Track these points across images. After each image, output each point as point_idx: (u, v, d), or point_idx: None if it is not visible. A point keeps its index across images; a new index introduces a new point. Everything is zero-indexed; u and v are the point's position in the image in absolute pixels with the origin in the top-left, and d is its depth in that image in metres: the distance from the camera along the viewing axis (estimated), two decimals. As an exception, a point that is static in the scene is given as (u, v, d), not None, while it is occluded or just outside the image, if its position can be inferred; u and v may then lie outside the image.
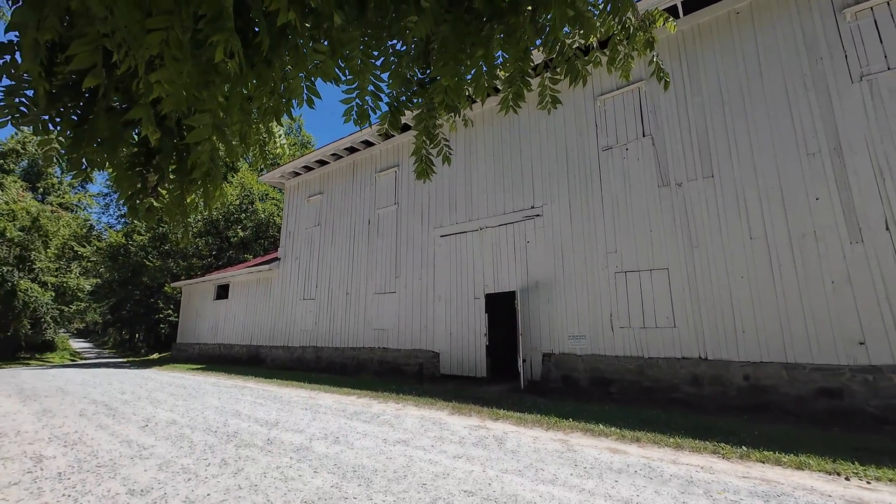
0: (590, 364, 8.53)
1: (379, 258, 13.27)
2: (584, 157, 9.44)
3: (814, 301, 6.50)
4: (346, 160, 15.21)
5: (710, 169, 7.79)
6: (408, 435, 5.68)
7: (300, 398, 8.69)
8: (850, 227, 6.39)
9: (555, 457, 4.72)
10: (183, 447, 5.19)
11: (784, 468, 4.44)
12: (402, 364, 11.85)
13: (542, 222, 9.79)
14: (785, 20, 7.43)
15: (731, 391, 6.95)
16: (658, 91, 8.59)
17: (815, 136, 6.89)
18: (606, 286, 8.59)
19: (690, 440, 5.28)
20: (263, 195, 29.60)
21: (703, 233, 7.68)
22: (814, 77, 7.03)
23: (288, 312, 15.95)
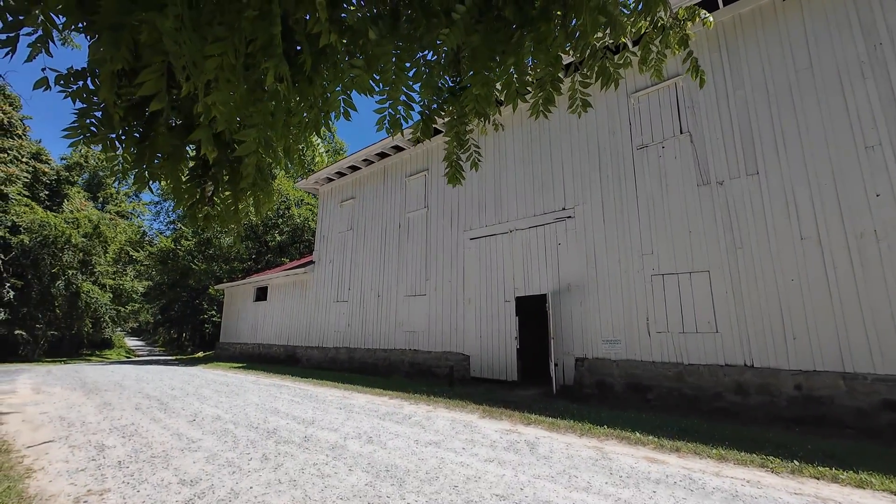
0: (625, 370, 8.27)
1: (409, 261, 13.46)
2: (617, 156, 9.19)
3: (875, 305, 6.02)
4: (377, 165, 15.55)
5: (755, 166, 7.39)
6: (439, 437, 5.72)
7: (334, 398, 8.94)
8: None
9: (589, 464, 4.62)
10: (227, 441, 5.48)
11: (842, 486, 4.14)
12: (432, 366, 11.94)
13: (574, 224, 9.61)
14: (838, 4, 6.95)
15: (781, 401, 6.54)
16: (696, 86, 8.23)
17: (874, 127, 6.39)
18: (642, 289, 8.31)
19: (735, 452, 5.02)
20: (299, 201, 30.72)
21: (747, 233, 7.28)
22: (872, 64, 6.53)
23: (322, 314, 16.45)
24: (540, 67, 1.95)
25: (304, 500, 3.66)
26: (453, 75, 2.21)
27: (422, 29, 1.95)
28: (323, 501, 3.64)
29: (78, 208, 28.85)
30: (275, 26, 1.34)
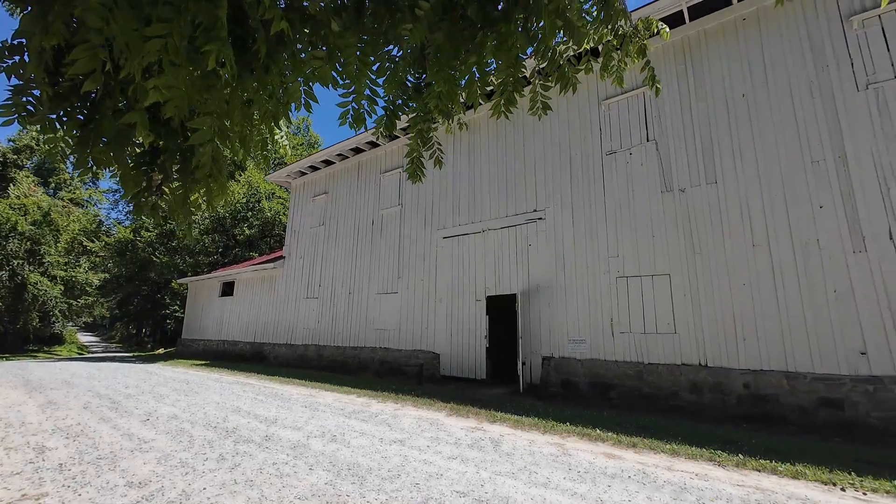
0: (589, 369, 8.51)
1: (382, 258, 13.34)
2: (587, 161, 9.44)
3: (816, 310, 6.46)
4: (351, 160, 15.32)
5: (714, 175, 7.76)
6: (404, 435, 5.71)
7: (300, 396, 8.75)
8: (854, 236, 6.34)
9: (549, 460, 4.73)
10: (182, 441, 5.26)
11: (780, 477, 4.42)
12: (402, 364, 11.89)
13: (545, 225, 9.80)
14: (791, 27, 7.40)
15: (731, 399, 6.91)
16: (662, 96, 8.58)
17: (819, 144, 6.85)
18: (607, 291, 8.57)
19: (687, 447, 5.26)
20: (270, 194, 29.86)
21: (705, 239, 7.65)
22: (820, 85, 6.99)
23: (291, 310, 16.07)
24: (502, 68, 1.98)
25: (260, 501, 3.56)
26: (418, 72, 2.21)
27: (386, 23, 1.93)
28: (280, 501, 3.56)
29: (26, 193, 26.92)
30: (220, 8, 1.29)
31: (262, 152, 2.17)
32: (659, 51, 8.75)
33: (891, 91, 6.41)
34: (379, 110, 2.17)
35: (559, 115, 10.05)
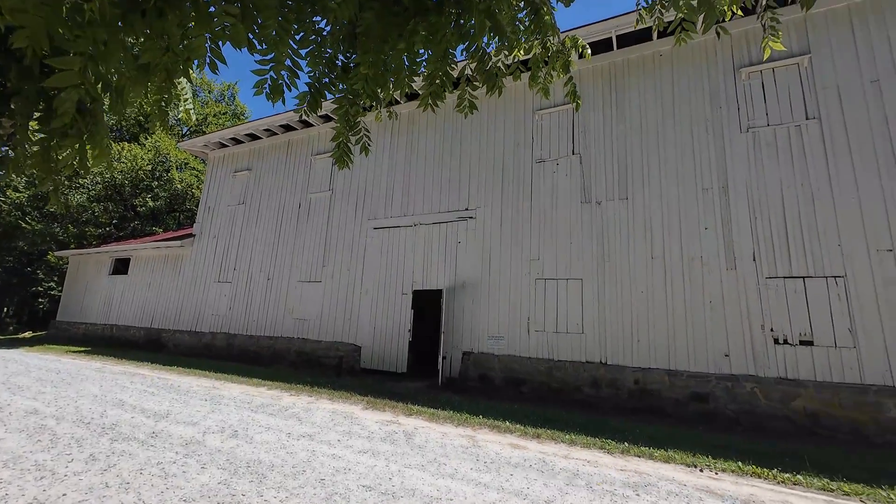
0: (505, 364, 8.93)
1: (307, 245, 12.67)
2: (518, 167, 9.86)
3: (695, 317, 7.46)
4: (280, 138, 14.30)
5: (626, 192, 8.57)
6: (315, 429, 5.49)
7: (201, 388, 7.99)
8: (728, 255, 7.43)
9: (459, 452, 4.87)
10: (41, 441, 4.50)
11: (655, 462, 5.03)
12: (321, 356, 11.44)
13: (475, 225, 10.05)
14: (697, 69, 8.41)
15: (624, 393, 7.72)
16: (588, 114, 9.25)
17: (710, 174, 7.90)
18: (527, 291, 9.06)
19: (583, 437, 5.77)
20: (182, 164, 26.76)
21: (614, 249, 8.42)
22: (714, 123, 8.05)
23: (199, 294, 14.59)
24: (432, 60, 1.95)
25: (135, 506, 3.17)
26: (348, 52, 2.09)
27: (313, -9, 1.79)
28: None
29: None
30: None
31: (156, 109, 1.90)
32: (588, 71, 9.41)
33: (763, 136, 7.60)
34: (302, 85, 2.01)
35: (496, 121, 10.36)
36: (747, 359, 6.97)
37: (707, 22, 1.86)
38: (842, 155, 7.00)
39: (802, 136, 7.33)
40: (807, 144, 7.27)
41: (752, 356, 6.96)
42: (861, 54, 7.17)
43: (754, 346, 6.98)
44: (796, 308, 6.82)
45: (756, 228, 7.34)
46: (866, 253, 6.56)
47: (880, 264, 6.45)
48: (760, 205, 7.39)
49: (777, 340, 6.86)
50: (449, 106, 10.93)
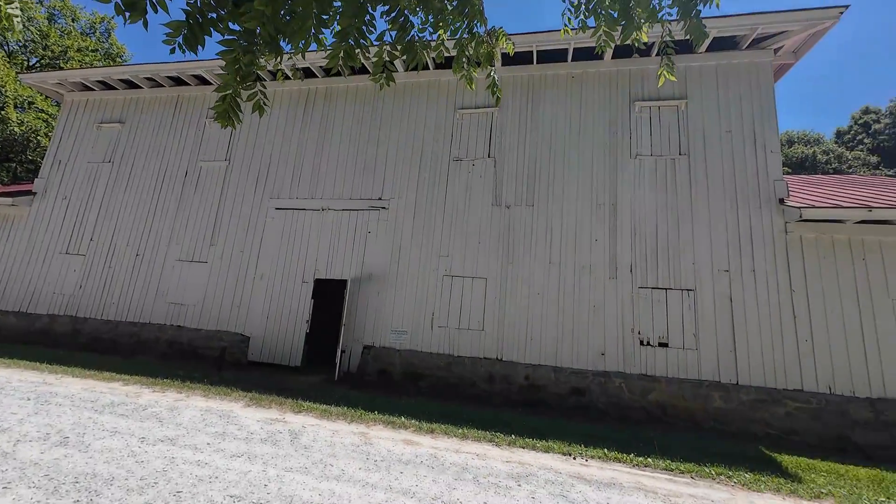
0: (406, 359, 8.86)
1: (192, 219, 11.05)
2: (436, 162, 9.84)
3: (580, 319, 8.25)
4: (167, 91, 12.22)
5: (533, 199, 9.11)
6: (180, 432, 4.74)
7: (25, 384, 6.40)
8: (611, 265, 8.36)
9: (349, 450, 4.63)
10: None
11: (537, 452, 5.40)
12: (200, 347, 10.08)
13: (387, 216, 9.78)
14: (602, 95, 9.29)
15: (514, 388, 8.21)
16: (506, 119, 9.63)
17: (604, 191, 8.79)
18: (434, 287, 9.10)
19: (475, 431, 5.95)
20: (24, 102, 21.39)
21: (518, 252, 8.89)
22: (611, 146, 8.98)
23: (35, 268, 11.78)
24: (346, 14, 1.71)
25: None
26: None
27: None
28: (-70, 544, 2.39)
29: None
30: None
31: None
32: (509, 79, 9.78)
33: (647, 164, 8.71)
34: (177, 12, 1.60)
35: (418, 112, 10.20)
36: (618, 358, 7.93)
37: (625, 33, 1.96)
38: (700, 189, 8.35)
39: (675, 169, 8.56)
40: (678, 176, 8.52)
41: (623, 355, 7.94)
42: (721, 107, 8.62)
43: (625, 347, 7.97)
44: (658, 315, 7.96)
45: (635, 243, 8.38)
46: (710, 271, 7.93)
47: (719, 282, 7.85)
48: (640, 223, 8.45)
49: (642, 342, 7.93)
50: (370, 90, 10.44)
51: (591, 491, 4.18)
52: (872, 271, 7.32)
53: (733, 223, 8.05)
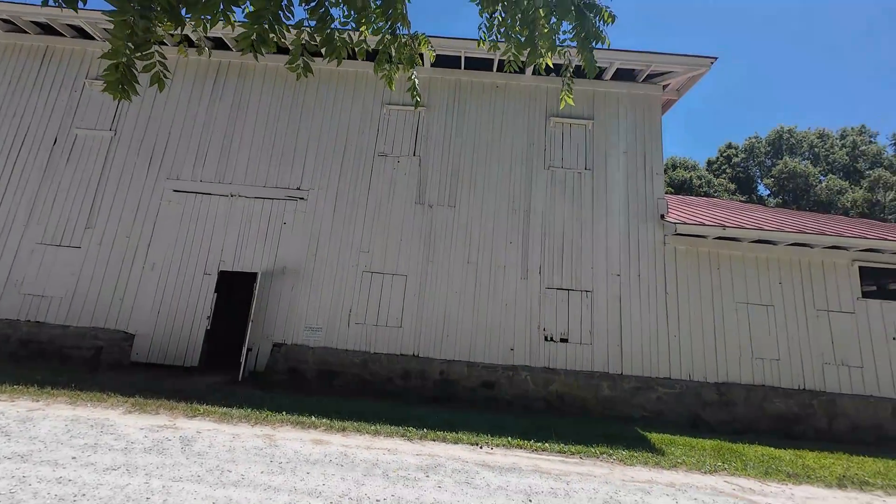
0: (320, 357, 8.55)
1: (62, 196, 9.35)
2: (360, 155, 9.63)
3: (493, 316, 8.74)
4: (32, 39, 10.15)
5: (455, 200, 9.39)
6: (35, 446, 4.03)
7: None
8: (523, 267, 9.00)
9: (251, 455, 4.36)
10: None
11: (447, 444, 5.62)
12: (67, 346, 8.60)
13: (305, 207, 9.31)
14: (522, 107, 9.91)
15: (429, 383, 8.41)
16: (433, 119, 9.78)
17: (520, 197, 9.41)
18: (353, 283, 8.91)
19: (388, 427, 5.98)
20: None
21: (438, 251, 9.10)
22: (527, 155, 9.64)
23: None
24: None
25: None
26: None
27: None
28: None
29: None
30: None
31: None
32: (438, 80, 9.95)
33: (557, 175, 9.52)
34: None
35: (343, 102, 9.87)
36: (525, 352, 8.57)
37: (530, 58, 2.17)
38: (601, 201, 9.38)
39: (581, 181, 9.49)
40: (583, 188, 9.45)
41: (529, 350, 8.59)
42: (620, 130, 9.77)
43: (531, 342, 8.63)
44: (561, 313, 8.77)
45: (544, 247, 9.11)
46: (605, 275, 8.96)
47: (612, 285, 8.91)
48: (549, 228, 9.22)
49: (546, 338, 8.67)
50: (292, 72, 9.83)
51: (493, 476, 4.49)
52: (723, 279, 8.91)
53: (625, 233, 9.18)
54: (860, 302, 8.78)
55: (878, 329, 8.64)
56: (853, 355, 8.50)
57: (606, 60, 9.31)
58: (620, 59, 9.26)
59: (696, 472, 5.39)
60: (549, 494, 4.15)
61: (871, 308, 8.74)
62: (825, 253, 8.95)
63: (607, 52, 9.13)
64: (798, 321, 8.68)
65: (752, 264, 9.00)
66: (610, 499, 4.17)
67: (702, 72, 9.38)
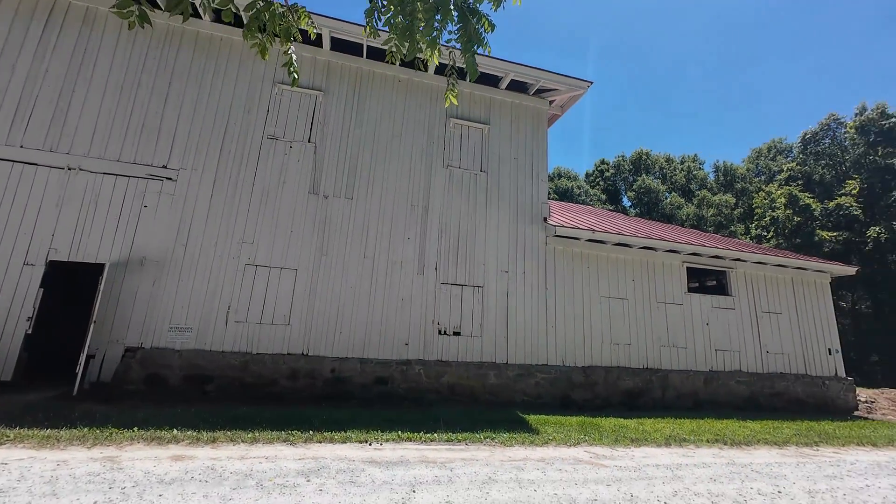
0: (189, 360, 7.50)
1: None
2: (246, 136, 8.68)
3: (389, 312, 8.69)
4: None
5: (353, 192, 9.08)
6: None
7: None
8: (419, 262, 9.12)
9: (83, 483, 3.60)
10: None
11: (334, 444, 5.40)
12: None
13: (174, 189, 8.06)
14: (424, 104, 10.01)
15: (320, 382, 8.00)
16: (332, 106, 9.30)
17: (419, 193, 9.50)
18: (233, 277, 8.01)
19: (269, 432, 5.52)
20: None
21: (333, 244, 8.70)
22: (428, 153, 9.78)
23: None
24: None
25: None
26: None
27: None
28: None
29: None
30: None
31: None
32: (338, 66, 9.49)
33: (455, 174, 9.86)
34: None
35: (226, 74, 8.78)
36: (420, 347, 8.70)
37: (410, 51, 2.17)
38: (493, 202, 9.99)
39: (477, 182, 9.98)
40: (478, 189, 9.95)
41: (424, 344, 8.75)
42: (512, 137, 10.52)
43: (426, 337, 8.80)
44: (454, 307, 9.12)
45: (441, 244, 9.36)
46: (496, 272, 9.58)
47: (500, 280, 9.57)
48: (446, 226, 9.50)
49: (440, 332, 8.93)
50: (161, 27, 8.41)
51: (379, 472, 4.44)
52: (591, 276, 10.24)
53: (513, 233, 9.93)
54: (686, 295, 10.90)
55: (697, 317, 10.85)
56: (680, 338, 10.53)
57: (502, 70, 9.93)
58: (515, 70, 9.96)
59: (563, 446, 6.10)
60: (434, 482, 4.27)
61: (693, 300, 10.93)
62: (665, 255, 10.90)
63: (504, 63, 9.75)
64: (644, 312, 10.42)
65: (614, 264, 10.51)
66: (488, 479, 4.46)
67: (580, 93, 10.62)
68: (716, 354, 10.72)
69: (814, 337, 11.73)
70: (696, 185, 44.95)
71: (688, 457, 5.96)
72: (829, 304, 12.20)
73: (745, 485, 4.82)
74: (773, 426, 8.36)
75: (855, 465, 6.10)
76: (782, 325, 11.49)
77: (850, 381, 11.67)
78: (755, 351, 11.07)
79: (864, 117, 30.34)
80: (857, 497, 4.62)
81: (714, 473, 5.19)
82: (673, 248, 10.65)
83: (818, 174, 32.60)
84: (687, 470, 5.26)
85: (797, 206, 29.98)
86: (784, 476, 5.28)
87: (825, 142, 33.64)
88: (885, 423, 10.12)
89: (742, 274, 11.53)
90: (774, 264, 11.71)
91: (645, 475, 4.92)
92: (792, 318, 11.66)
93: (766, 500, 4.36)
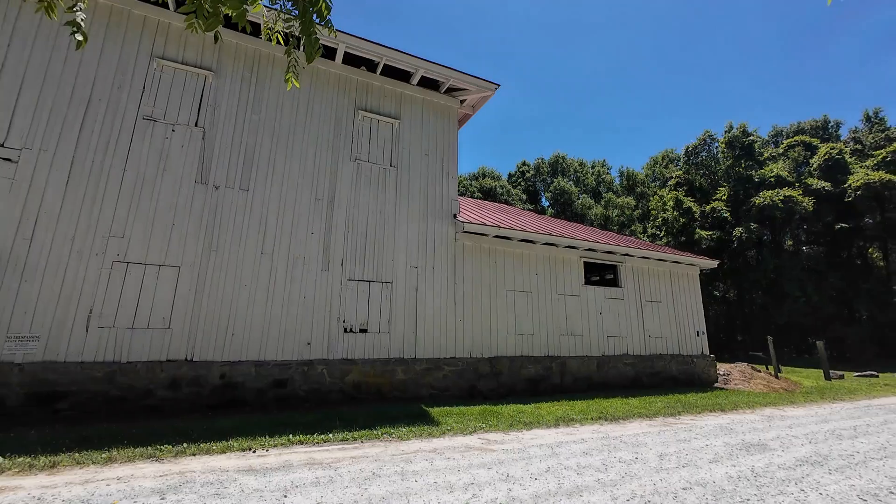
0: (35, 376, 6.36)
1: None
2: (116, 113, 7.59)
3: (290, 311, 8.21)
4: None
5: (248, 183, 8.41)
6: None
7: None
8: (325, 258, 8.76)
9: None
10: None
11: (211, 456, 4.93)
12: None
13: (14, 172, 6.76)
14: (330, 96, 9.61)
15: (206, 391, 7.30)
16: (224, 88, 8.52)
17: (324, 186, 9.11)
18: (96, 276, 6.95)
19: (130, 450, 4.87)
20: None
21: (225, 239, 7.98)
22: (335, 145, 9.42)
23: None
24: None
25: None
26: None
27: None
28: None
29: None
30: None
31: None
32: (232, 46, 8.71)
33: (363, 168, 9.63)
34: None
35: (90, 46, 7.58)
36: (324, 346, 8.36)
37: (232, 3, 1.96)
38: (403, 197, 9.95)
39: (386, 177, 9.85)
40: (387, 184, 9.83)
41: (328, 343, 8.42)
42: (423, 134, 10.55)
43: (330, 335, 8.48)
44: (361, 304, 8.91)
45: (347, 239, 9.08)
46: (405, 267, 9.55)
47: (410, 276, 9.56)
48: (353, 221, 9.24)
49: (346, 329, 8.66)
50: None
51: (253, 480, 4.15)
52: (498, 270, 10.69)
53: (423, 229, 9.99)
54: (583, 288, 11.89)
55: (592, 307, 11.88)
56: (577, 327, 11.46)
57: (413, 66, 9.91)
58: (425, 67, 10.00)
59: (460, 436, 6.25)
60: (311, 485, 4.09)
61: (588, 292, 11.95)
62: (565, 251, 11.77)
63: (415, 59, 9.73)
64: (546, 303, 11.15)
65: (520, 259, 11.09)
66: (372, 475, 4.40)
67: (488, 94, 11.00)
68: (608, 340, 11.85)
69: (686, 321, 13.53)
70: (604, 188, 49.47)
71: (571, 435, 6.47)
72: (699, 292, 14.16)
73: (611, 455, 5.35)
74: (649, 401, 9.46)
75: (703, 428, 7.11)
76: (661, 312, 13.08)
77: (712, 358, 13.68)
78: (640, 336, 12.45)
79: (730, 134, 35.84)
80: (695, 455, 5.38)
81: (587, 448, 5.69)
82: (571, 244, 11.53)
83: (698, 181, 37.77)
84: (565, 447, 5.69)
85: (682, 208, 34.46)
86: (645, 444, 5.96)
87: (703, 154, 39.10)
88: (735, 392, 12.04)
89: (630, 268, 12.89)
90: (656, 259, 13.27)
91: (526, 455, 5.23)
92: (669, 305, 13.32)
93: (623, 466, 4.88)
